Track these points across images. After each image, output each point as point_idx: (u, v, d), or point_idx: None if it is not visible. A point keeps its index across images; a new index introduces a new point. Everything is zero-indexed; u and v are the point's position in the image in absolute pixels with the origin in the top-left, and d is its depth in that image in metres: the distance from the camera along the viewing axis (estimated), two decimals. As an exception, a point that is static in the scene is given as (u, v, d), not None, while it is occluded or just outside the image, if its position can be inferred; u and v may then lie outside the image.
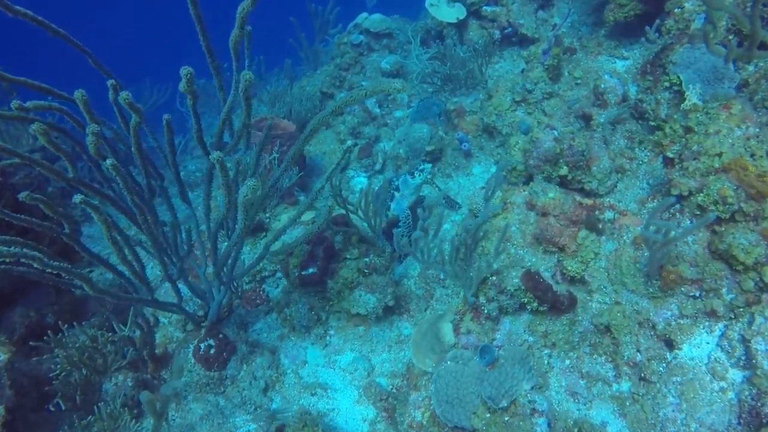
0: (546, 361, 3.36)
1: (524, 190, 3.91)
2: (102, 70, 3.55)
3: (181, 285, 4.33)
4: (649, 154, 4.29)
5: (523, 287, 3.30)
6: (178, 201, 4.29)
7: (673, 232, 2.98)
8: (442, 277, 4.69)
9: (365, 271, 4.59)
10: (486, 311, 3.45)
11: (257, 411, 4.27)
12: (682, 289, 3.22)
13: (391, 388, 4.16)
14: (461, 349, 3.40)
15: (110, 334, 4.02)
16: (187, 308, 4.74)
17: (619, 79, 4.68)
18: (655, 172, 4.13)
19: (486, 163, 5.97)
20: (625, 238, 3.52)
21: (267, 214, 6.05)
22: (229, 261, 4.18)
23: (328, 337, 4.71)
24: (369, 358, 4.49)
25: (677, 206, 3.42)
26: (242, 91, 2.98)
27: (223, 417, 4.17)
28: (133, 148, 3.29)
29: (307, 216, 5.59)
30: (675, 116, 3.64)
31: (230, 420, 4.18)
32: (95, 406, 3.65)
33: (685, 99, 3.54)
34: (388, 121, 7.31)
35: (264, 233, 5.89)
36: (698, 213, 3.28)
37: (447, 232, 5.28)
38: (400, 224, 5.08)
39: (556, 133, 3.85)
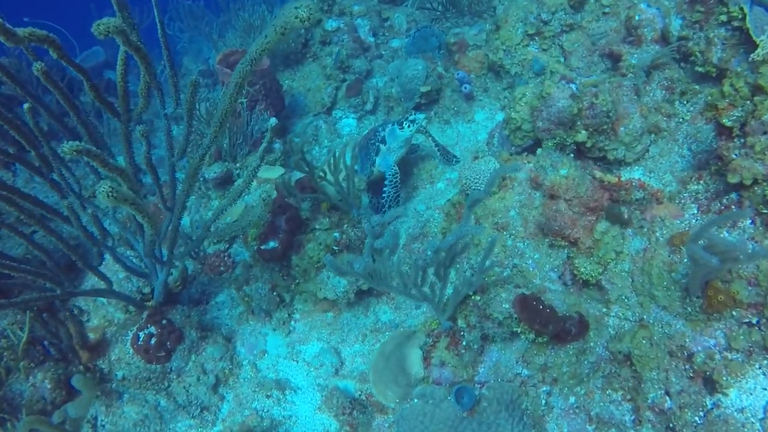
0: (544, 401, 2.55)
1: (529, 162, 3.01)
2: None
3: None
4: (692, 109, 3.36)
5: (515, 316, 2.45)
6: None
7: (737, 252, 2.08)
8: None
9: (334, 248, 3.80)
10: (465, 341, 2.63)
11: (203, 414, 3.63)
12: (734, 313, 2.36)
13: (360, 394, 3.45)
14: (432, 386, 2.61)
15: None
16: (128, 286, 4.05)
17: (658, 9, 3.68)
18: (699, 135, 3.21)
19: (490, 108, 5.05)
20: (657, 234, 2.63)
21: (237, 164, 5.27)
22: (166, 240, 3.42)
23: (292, 323, 4.01)
24: (338, 350, 3.78)
25: (733, 196, 2.51)
26: (124, 44, 2.09)
27: (161, 423, 3.54)
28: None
29: (276, 173, 4.76)
30: (739, 69, 2.66)
31: (169, 426, 3.55)
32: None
33: (757, 45, 2.55)
34: (383, 53, 6.29)
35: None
36: (765, 211, 2.37)
37: (440, 193, 4.43)
38: (386, 183, 4.25)
39: (574, 87, 2.90)
